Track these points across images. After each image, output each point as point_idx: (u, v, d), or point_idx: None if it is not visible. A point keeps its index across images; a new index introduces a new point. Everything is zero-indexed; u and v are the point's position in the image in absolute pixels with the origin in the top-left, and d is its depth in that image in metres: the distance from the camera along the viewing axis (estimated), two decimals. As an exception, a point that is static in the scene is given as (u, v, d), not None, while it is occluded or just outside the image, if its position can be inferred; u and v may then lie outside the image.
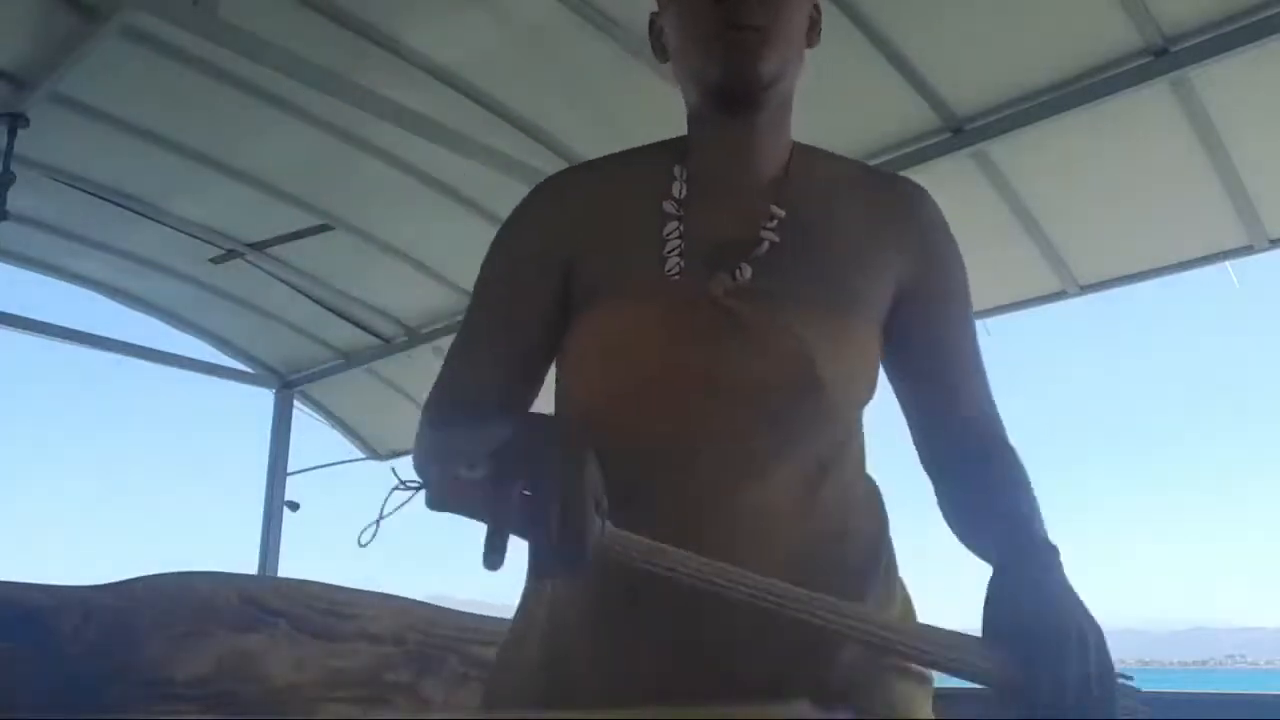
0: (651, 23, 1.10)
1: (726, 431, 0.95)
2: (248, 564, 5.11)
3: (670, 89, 1.11)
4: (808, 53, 1.06)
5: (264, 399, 5.49)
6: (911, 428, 1.08)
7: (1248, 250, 3.32)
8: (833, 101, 3.09)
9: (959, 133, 3.19)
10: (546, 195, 1.10)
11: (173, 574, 1.54)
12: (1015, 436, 1.05)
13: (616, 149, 1.12)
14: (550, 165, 3.49)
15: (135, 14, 2.76)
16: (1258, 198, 3.15)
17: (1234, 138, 2.99)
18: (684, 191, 1.03)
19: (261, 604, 1.55)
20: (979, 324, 1.09)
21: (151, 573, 1.58)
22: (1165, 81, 2.84)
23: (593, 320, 1.00)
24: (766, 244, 0.99)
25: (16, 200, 3.38)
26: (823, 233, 1.01)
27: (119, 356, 5.03)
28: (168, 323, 5.05)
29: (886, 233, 1.03)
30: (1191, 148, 3.03)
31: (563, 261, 1.03)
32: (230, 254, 4.40)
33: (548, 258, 1.04)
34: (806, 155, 1.07)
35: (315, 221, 4.12)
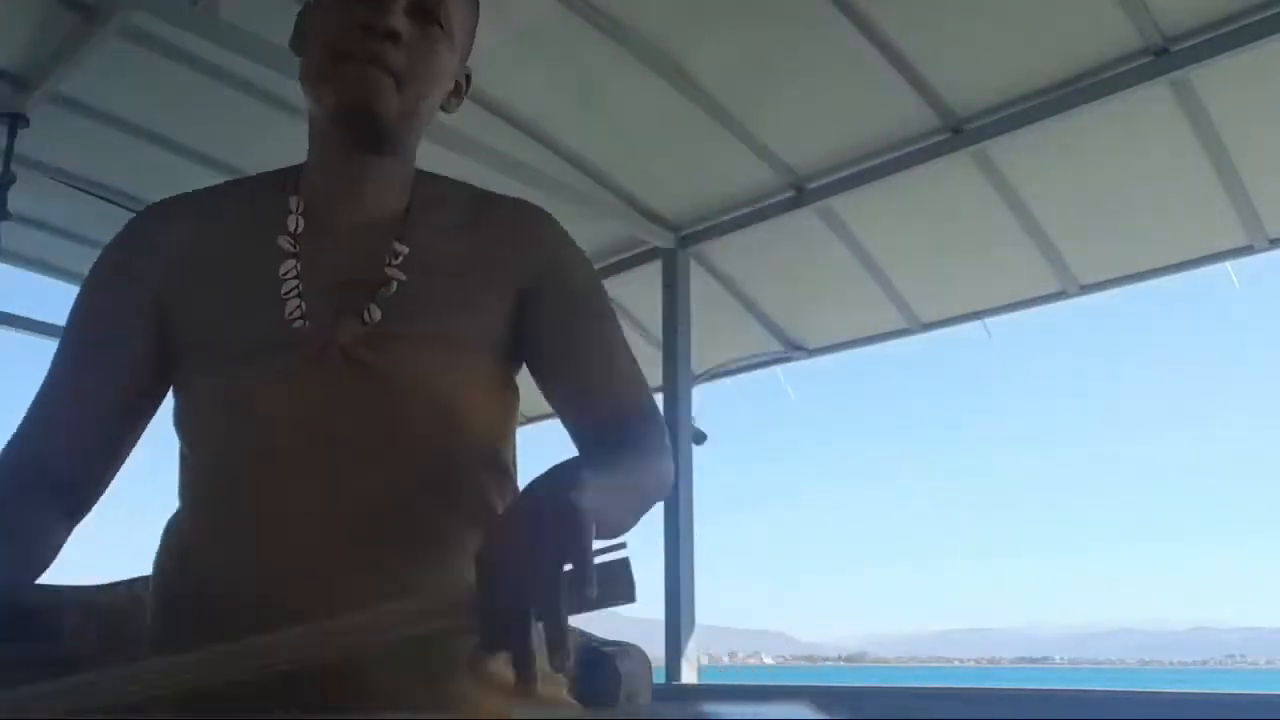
0: (302, 13, 1.00)
1: (372, 491, 0.86)
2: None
3: (675, 92, 1.09)
4: (810, 54, 1.03)
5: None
6: (565, 425, 1.00)
7: (1248, 250, 3.33)
8: (833, 101, 3.08)
9: (959, 133, 3.19)
10: (139, 230, 0.99)
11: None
12: (1014, 437, 1.03)
13: (617, 149, 1.11)
14: (550, 165, 3.49)
15: (135, 14, 2.76)
16: (1258, 198, 3.16)
17: (1234, 138, 2.99)
18: (300, 226, 0.94)
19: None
20: (979, 323, 1.09)
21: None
22: (1165, 81, 2.85)
23: (210, 377, 0.90)
24: (395, 284, 0.92)
25: (16, 200, 3.37)
26: (448, 267, 0.95)
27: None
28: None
29: (507, 255, 0.98)
30: (1191, 148, 3.04)
31: (158, 308, 0.94)
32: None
33: (138, 301, 0.94)
34: (428, 184, 1.02)
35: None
